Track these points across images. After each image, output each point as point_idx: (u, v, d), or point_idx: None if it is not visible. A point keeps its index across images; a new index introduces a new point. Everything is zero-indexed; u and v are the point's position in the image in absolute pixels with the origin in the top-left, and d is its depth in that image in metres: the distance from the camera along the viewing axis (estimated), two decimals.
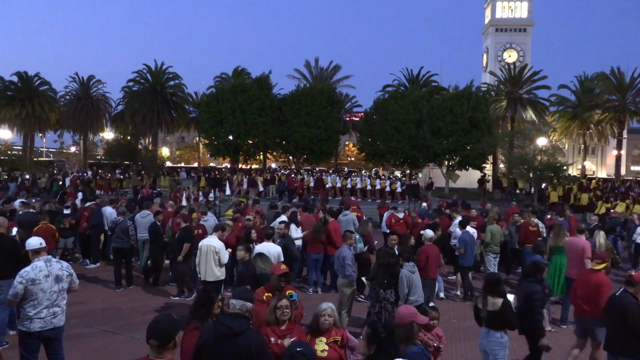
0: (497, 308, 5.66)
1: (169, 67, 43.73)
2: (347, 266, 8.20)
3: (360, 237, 10.33)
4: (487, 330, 5.83)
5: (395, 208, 14.91)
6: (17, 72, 44.40)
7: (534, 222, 12.22)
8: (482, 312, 5.83)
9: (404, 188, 26.82)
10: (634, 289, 5.80)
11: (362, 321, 8.18)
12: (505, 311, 5.67)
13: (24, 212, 11.65)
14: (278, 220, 11.03)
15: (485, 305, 5.78)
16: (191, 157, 70.13)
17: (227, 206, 19.95)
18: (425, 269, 8.67)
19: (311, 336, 4.64)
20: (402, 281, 7.24)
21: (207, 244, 8.58)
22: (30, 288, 5.38)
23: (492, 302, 5.70)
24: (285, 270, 5.56)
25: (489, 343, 5.79)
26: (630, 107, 38.27)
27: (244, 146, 35.50)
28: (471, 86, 32.71)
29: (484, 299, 5.81)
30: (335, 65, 45.20)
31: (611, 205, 21.66)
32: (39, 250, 5.72)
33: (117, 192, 28.65)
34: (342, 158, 64.47)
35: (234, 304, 4.24)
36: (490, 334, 5.78)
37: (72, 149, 67.98)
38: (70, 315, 6.79)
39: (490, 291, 5.78)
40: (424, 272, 8.52)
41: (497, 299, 5.69)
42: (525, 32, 68.34)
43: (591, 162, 67.12)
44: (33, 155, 49.70)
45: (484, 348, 5.90)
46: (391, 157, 33.03)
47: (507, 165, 31.21)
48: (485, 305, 5.78)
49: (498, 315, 5.67)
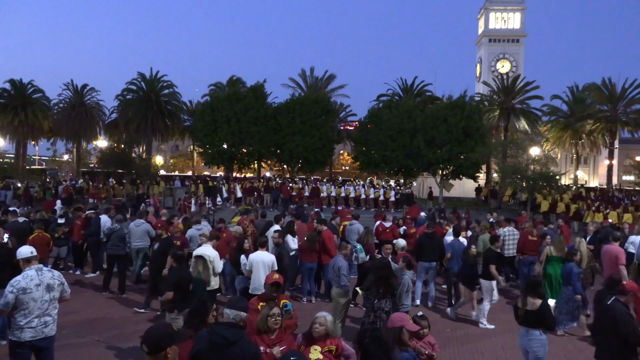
0: (535, 308, 6.07)
1: (163, 76, 43.80)
2: (343, 276, 8.21)
3: (362, 246, 10.33)
4: (527, 330, 6.20)
5: (383, 217, 14.90)
6: (10, 80, 44.30)
7: (534, 232, 12.25)
8: (521, 312, 6.22)
9: (397, 197, 26.90)
10: (625, 298, 5.85)
11: (357, 331, 8.16)
12: (543, 312, 6.07)
13: (13, 221, 11.61)
14: (272, 229, 11.00)
15: (524, 304, 6.18)
16: (185, 166, 69.92)
17: (231, 213, 19.93)
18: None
19: (305, 345, 4.63)
20: (404, 287, 7.56)
21: (202, 253, 8.53)
22: (21, 297, 5.33)
23: (531, 302, 6.12)
24: (277, 279, 5.52)
25: (529, 342, 6.15)
26: (622, 117, 38.68)
27: (239, 155, 35.49)
28: (465, 96, 32.94)
29: (524, 299, 6.22)
30: (330, 75, 45.51)
31: (602, 215, 21.82)
32: (30, 259, 5.67)
33: (111, 200, 28.51)
34: (336, 167, 64.53)
35: (228, 314, 4.23)
36: (529, 333, 6.16)
37: (65, 157, 67.64)
38: (61, 325, 6.72)
39: (530, 292, 6.22)
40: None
41: (537, 299, 6.13)
42: (518, 42, 69.07)
43: (583, 171, 67.59)
44: (26, 164, 49.41)
45: (525, 347, 6.27)
46: (385, 166, 33.11)
47: (500, 174, 31.37)
48: (524, 304, 6.18)
49: (536, 315, 6.07)
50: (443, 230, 13.43)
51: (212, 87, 46.06)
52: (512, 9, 69.22)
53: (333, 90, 44.86)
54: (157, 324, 3.36)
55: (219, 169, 43.66)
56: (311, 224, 12.95)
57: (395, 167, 32.98)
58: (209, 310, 4.62)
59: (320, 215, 14.50)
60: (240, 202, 27.11)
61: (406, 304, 7.60)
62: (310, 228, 12.24)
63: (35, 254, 5.77)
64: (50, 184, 32.50)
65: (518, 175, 26.58)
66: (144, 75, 43.15)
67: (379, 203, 26.63)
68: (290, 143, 34.13)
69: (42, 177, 39.69)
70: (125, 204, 21.95)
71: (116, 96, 43.87)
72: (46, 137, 49.51)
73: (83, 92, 46.12)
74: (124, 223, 11.85)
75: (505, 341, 8.74)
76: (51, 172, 48.70)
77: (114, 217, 12.33)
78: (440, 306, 10.86)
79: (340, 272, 8.19)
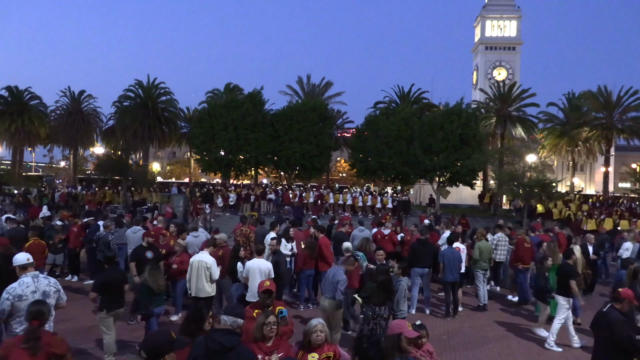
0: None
1: (160, 83, 43.80)
2: (339, 291, 7.76)
3: (364, 255, 10.31)
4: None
5: (381, 224, 14.86)
6: (7, 87, 44.30)
7: (529, 240, 12.29)
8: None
9: (395, 204, 26.94)
10: (621, 305, 5.85)
11: (352, 338, 8.14)
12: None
13: (12, 228, 11.60)
14: (269, 237, 10.99)
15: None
16: (182, 173, 69.89)
17: (228, 221, 19.93)
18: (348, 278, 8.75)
19: (303, 353, 4.63)
20: (401, 293, 7.59)
21: (199, 260, 8.54)
22: (17, 304, 5.33)
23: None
24: (268, 287, 5.50)
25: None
26: (618, 124, 38.93)
27: (236, 162, 35.50)
28: (461, 103, 33.04)
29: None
30: (327, 82, 45.63)
31: (596, 222, 21.90)
32: (26, 266, 5.68)
33: (105, 207, 28.43)
34: (333, 174, 64.60)
35: (225, 320, 4.24)
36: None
37: (62, 163, 67.53)
38: (57, 332, 6.67)
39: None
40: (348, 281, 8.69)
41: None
42: (515, 50, 69.53)
43: (580, 178, 67.88)
44: (22, 170, 49.31)
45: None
46: (382, 173, 33.15)
47: (496, 182, 31.44)
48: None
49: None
50: (439, 237, 13.46)
51: (209, 94, 46.11)
52: (509, 16, 69.75)
53: (330, 98, 44.97)
54: (155, 330, 3.38)
55: (216, 176, 43.66)
56: (307, 231, 12.96)
57: (392, 174, 33.02)
58: (204, 317, 4.63)
59: (317, 221, 14.51)
60: (236, 210, 27.13)
61: (403, 309, 7.64)
62: (307, 235, 12.25)
63: (31, 261, 5.77)
64: (46, 191, 32.42)
65: (514, 182, 26.66)
66: (141, 82, 43.19)
67: (376, 210, 26.65)
68: (287, 150, 34.16)
69: (39, 184, 39.57)
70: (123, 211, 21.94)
71: (113, 103, 43.81)
72: (43, 143, 49.41)
73: (80, 99, 46.13)
74: (120, 230, 11.84)
75: (502, 348, 8.75)
76: (48, 179, 48.61)
77: (103, 224, 12.36)
78: (437, 314, 10.87)
79: (338, 287, 7.74)
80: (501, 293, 13.17)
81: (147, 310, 7.60)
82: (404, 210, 24.77)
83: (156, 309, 7.70)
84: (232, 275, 9.52)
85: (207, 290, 8.49)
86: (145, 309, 7.64)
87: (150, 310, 7.60)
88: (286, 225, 12.69)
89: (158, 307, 7.76)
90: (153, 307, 7.62)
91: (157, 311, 7.73)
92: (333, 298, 7.75)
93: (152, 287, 7.55)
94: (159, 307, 7.79)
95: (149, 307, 7.58)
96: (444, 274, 10.56)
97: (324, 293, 8.01)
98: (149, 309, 7.58)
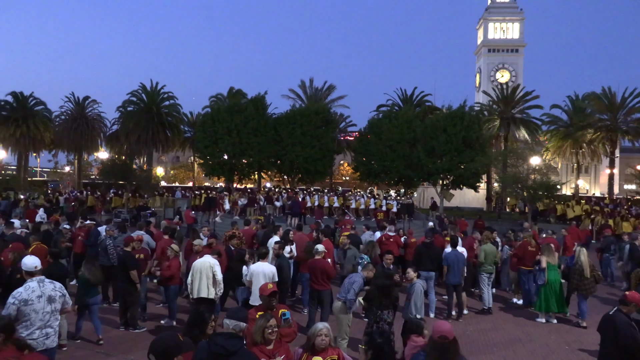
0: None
1: (163, 87, 44.09)
2: (352, 291, 7.73)
3: (368, 258, 10.29)
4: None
5: (383, 227, 14.86)
6: (12, 92, 44.69)
7: (534, 243, 12.21)
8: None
9: (399, 207, 26.87)
10: (627, 308, 5.82)
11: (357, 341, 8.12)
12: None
13: (11, 234, 11.62)
14: (273, 241, 11.00)
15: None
16: (186, 177, 70.05)
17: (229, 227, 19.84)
18: (315, 281, 9.00)
19: (307, 356, 4.63)
20: (417, 296, 7.70)
21: (202, 261, 8.58)
22: (22, 309, 5.36)
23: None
24: (272, 289, 5.53)
25: None
26: (622, 126, 38.78)
27: (239, 166, 35.58)
28: (464, 106, 33.05)
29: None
30: (329, 86, 45.77)
31: (597, 222, 21.81)
32: (33, 272, 5.70)
33: (111, 211, 28.50)
34: (336, 177, 64.60)
35: (227, 324, 4.24)
36: None
37: (67, 168, 67.83)
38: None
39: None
40: (315, 284, 8.97)
41: None
42: (517, 52, 69.53)
43: (585, 180, 67.65)
44: (27, 175, 49.55)
45: None
46: (385, 176, 33.16)
47: (501, 184, 31.39)
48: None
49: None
50: (444, 240, 13.41)
51: (212, 98, 46.30)
52: (511, 19, 69.81)
53: (333, 101, 45.10)
54: (163, 334, 3.37)
55: (219, 180, 43.76)
56: (311, 234, 12.96)
57: (396, 177, 33.03)
58: (207, 321, 4.63)
59: (321, 225, 14.51)
60: (243, 214, 27.06)
61: (419, 315, 7.66)
62: (310, 238, 12.25)
63: (39, 267, 5.79)
64: (50, 196, 32.56)
65: (519, 184, 26.60)
66: (144, 86, 43.42)
67: (377, 213, 26.51)
68: (290, 154, 34.23)
69: (43, 189, 39.73)
70: (127, 216, 21.99)
71: (117, 108, 44.22)
72: (48, 149, 49.73)
73: (84, 104, 46.40)
74: (123, 235, 11.85)
75: (507, 352, 8.70)
76: (53, 184, 48.82)
77: (106, 228, 12.39)
78: (442, 318, 10.83)
79: (352, 287, 7.72)
80: (504, 296, 13.10)
81: (83, 301, 8.26)
82: (407, 213, 24.69)
83: (91, 299, 8.37)
84: (237, 279, 9.52)
85: (210, 292, 8.49)
86: (81, 300, 8.25)
87: (86, 300, 8.28)
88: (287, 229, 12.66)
89: (92, 297, 8.42)
90: (88, 298, 8.31)
91: (91, 301, 8.38)
92: (344, 300, 7.77)
93: (89, 279, 8.29)
94: (94, 297, 8.46)
95: (85, 298, 8.29)
96: (447, 276, 10.56)
97: (338, 295, 8.02)
98: (84, 299, 8.28)
